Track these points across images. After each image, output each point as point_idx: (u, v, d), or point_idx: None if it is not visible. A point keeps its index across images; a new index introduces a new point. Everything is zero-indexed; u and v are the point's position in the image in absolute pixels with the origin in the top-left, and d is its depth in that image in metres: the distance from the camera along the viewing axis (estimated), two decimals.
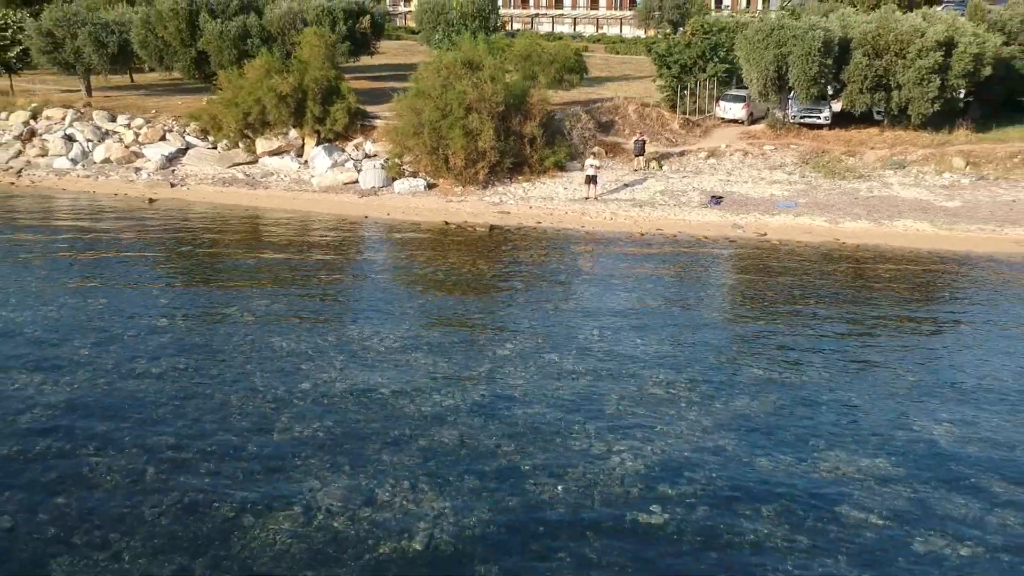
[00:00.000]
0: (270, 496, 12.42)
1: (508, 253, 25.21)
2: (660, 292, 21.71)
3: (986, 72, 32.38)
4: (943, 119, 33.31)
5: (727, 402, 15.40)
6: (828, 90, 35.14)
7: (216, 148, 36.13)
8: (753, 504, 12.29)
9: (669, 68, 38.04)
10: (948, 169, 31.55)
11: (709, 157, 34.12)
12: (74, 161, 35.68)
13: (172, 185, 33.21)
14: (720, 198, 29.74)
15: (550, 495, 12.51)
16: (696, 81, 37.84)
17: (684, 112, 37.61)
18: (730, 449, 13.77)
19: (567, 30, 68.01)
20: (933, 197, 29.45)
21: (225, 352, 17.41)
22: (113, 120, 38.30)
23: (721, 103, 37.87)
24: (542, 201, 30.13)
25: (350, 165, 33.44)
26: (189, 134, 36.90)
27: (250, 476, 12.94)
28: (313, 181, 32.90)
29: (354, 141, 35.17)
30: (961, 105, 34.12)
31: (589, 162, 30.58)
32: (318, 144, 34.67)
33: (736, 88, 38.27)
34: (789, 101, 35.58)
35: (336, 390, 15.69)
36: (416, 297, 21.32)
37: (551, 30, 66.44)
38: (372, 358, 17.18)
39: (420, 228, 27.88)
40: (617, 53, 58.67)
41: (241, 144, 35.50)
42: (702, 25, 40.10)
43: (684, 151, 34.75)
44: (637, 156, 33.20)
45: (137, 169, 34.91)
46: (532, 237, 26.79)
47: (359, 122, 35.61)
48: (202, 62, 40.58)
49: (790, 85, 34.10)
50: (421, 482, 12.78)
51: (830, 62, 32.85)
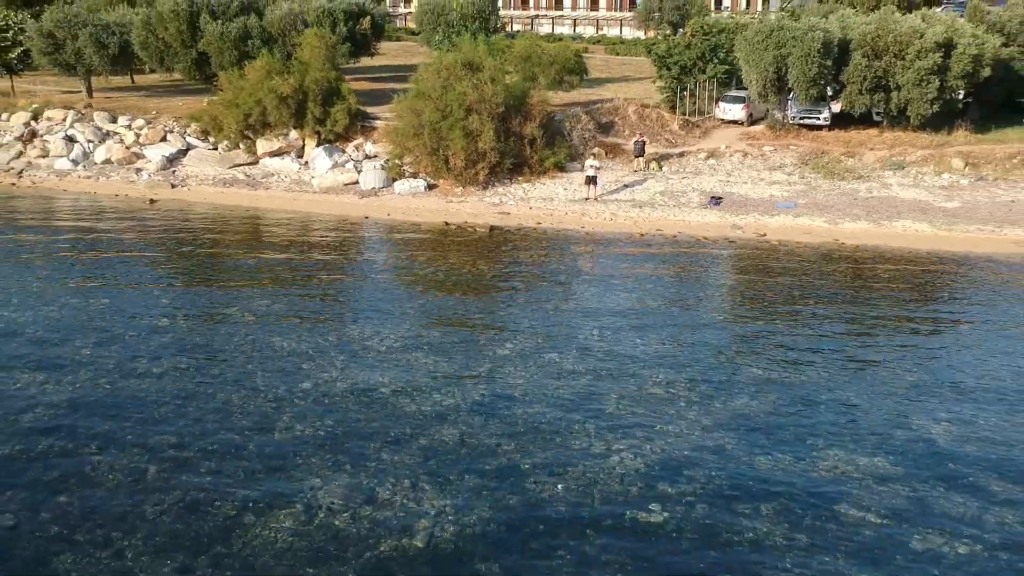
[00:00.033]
0: (271, 494, 12.47)
1: (508, 254, 25.27)
2: (660, 292, 21.78)
3: (985, 73, 32.49)
4: (942, 120, 33.40)
5: (726, 401, 15.47)
6: (827, 91, 35.25)
7: (217, 149, 36.22)
8: (752, 502, 12.35)
9: (669, 69, 38.14)
10: (947, 170, 31.63)
11: (709, 158, 34.20)
12: (75, 162, 35.76)
13: (173, 186, 33.29)
14: (720, 199, 29.82)
15: (550, 494, 12.57)
16: (696, 82, 37.94)
17: (684, 113, 37.70)
18: (729, 448, 13.83)
19: (567, 31, 68.10)
20: (932, 198, 29.53)
21: (226, 352, 17.48)
22: (114, 121, 38.38)
23: (721, 104, 37.95)
24: (542, 202, 30.20)
25: (350, 166, 33.51)
26: (190, 135, 36.98)
27: (252, 475, 13.00)
28: (313, 182, 32.98)
29: (354, 142, 35.25)
30: (960, 106, 34.23)
31: (589, 163, 30.66)
32: (318, 145, 34.75)
33: (736, 89, 38.36)
34: (789, 102, 35.66)
35: (337, 389, 15.75)
36: (416, 297, 21.39)
37: (551, 31, 66.53)
38: (373, 358, 17.24)
39: (420, 229, 27.95)
40: (617, 54, 58.76)
41: (242, 145, 35.58)
42: (702, 26, 40.20)
43: (684, 152, 34.83)
44: (637, 157, 33.29)
45: (138, 170, 34.99)
46: (532, 238, 26.86)
47: (359, 123, 35.70)
48: (203, 63, 40.68)
49: (789, 86, 34.18)
50: (422, 481, 12.84)
51: (829, 63, 32.94)
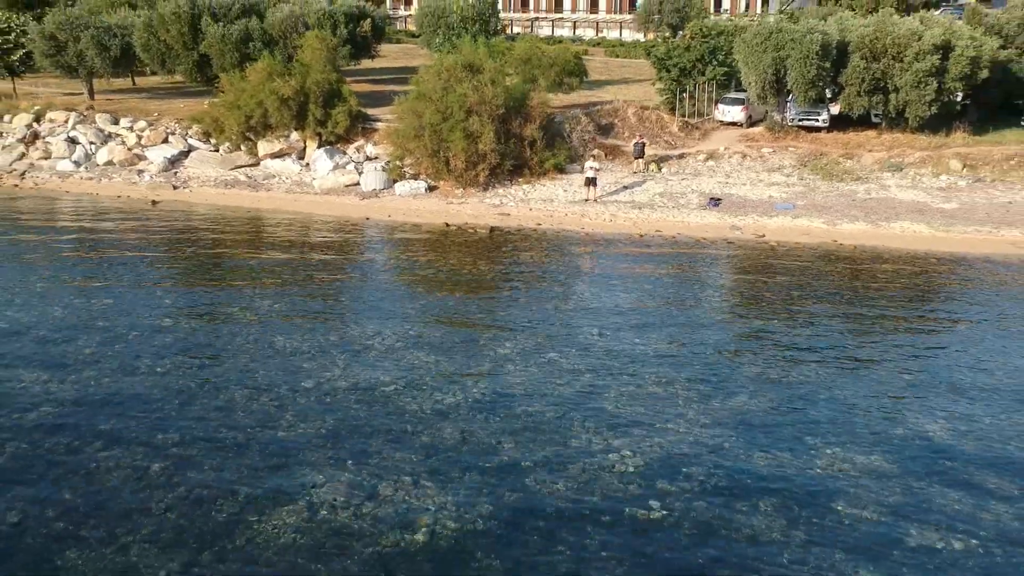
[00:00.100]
0: (275, 491, 12.59)
1: (508, 254, 25.41)
2: (659, 292, 21.91)
3: (983, 75, 32.62)
4: (940, 122, 33.54)
5: (725, 400, 15.60)
6: (826, 93, 35.40)
7: (218, 151, 36.33)
8: (751, 499, 12.48)
9: (668, 71, 38.29)
10: (945, 171, 31.77)
11: (708, 159, 34.34)
12: (77, 163, 35.88)
13: (174, 187, 33.42)
14: (719, 200, 29.96)
15: (550, 490, 12.69)
16: (695, 84, 38.09)
17: (683, 115, 37.84)
18: (728, 445, 13.96)
19: (567, 34, 68.21)
20: (930, 199, 29.67)
21: (229, 351, 17.60)
22: (116, 123, 38.49)
23: (720, 106, 38.09)
24: (542, 203, 30.34)
25: (351, 167, 33.64)
26: (191, 137, 37.10)
27: (255, 472, 13.12)
28: (315, 183, 33.12)
29: (355, 144, 35.39)
30: (958, 108, 34.36)
31: (589, 164, 30.80)
32: (320, 147, 34.88)
33: (735, 91, 38.51)
34: (787, 104, 35.81)
35: (339, 388, 15.88)
36: (417, 297, 21.52)
37: (551, 33, 66.62)
38: (374, 357, 17.37)
39: (421, 230, 28.08)
40: (617, 56, 58.85)
41: (243, 147, 35.70)
42: (701, 29, 40.37)
43: (683, 153, 34.97)
44: (636, 158, 33.43)
45: (140, 171, 35.12)
46: (532, 239, 27.00)
47: (360, 125, 35.82)
48: (204, 65, 40.79)
49: (788, 88, 34.32)
50: (423, 478, 12.96)
51: (828, 65, 33.09)
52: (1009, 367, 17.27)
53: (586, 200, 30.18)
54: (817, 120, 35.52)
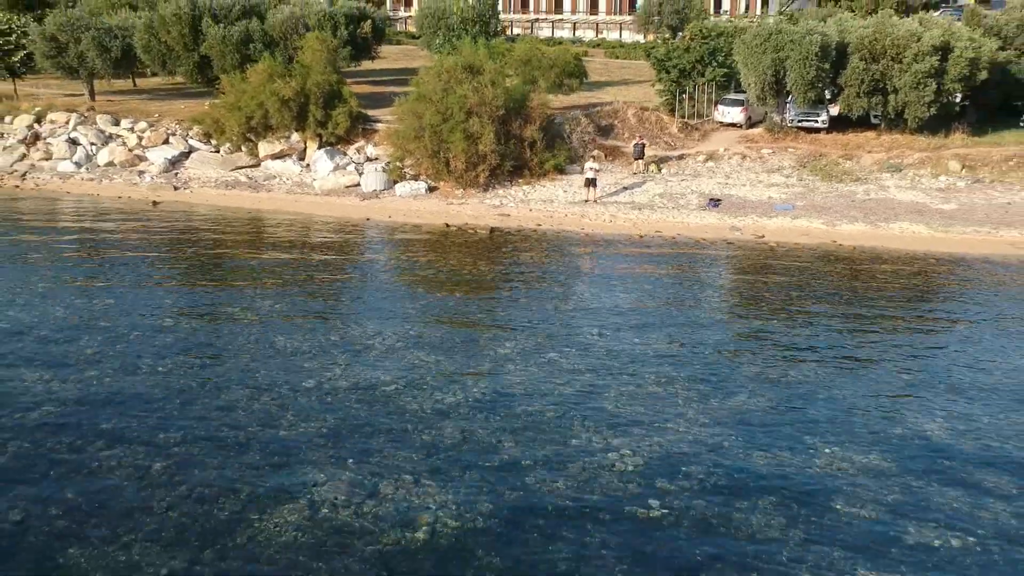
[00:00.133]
0: (276, 490, 12.65)
1: (508, 255, 25.47)
2: (659, 293, 21.98)
3: (982, 76, 32.69)
4: (939, 123, 33.60)
5: (724, 399, 15.66)
6: (825, 94, 35.47)
7: (219, 152, 36.42)
8: (750, 498, 12.53)
9: (668, 72, 38.36)
10: (944, 172, 31.84)
11: (708, 160, 34.41)
12: (78, 164, 35.96)
13: (175, 188, 33.50)
14: (718, 201, 30.03)
15: (550, 489, 12.74)
16: (695, 85, 38.16)
17: (683, 116, 37.92)
18: (727, 444, 14.02)
19: (567, 35, 68.33)
20: (929, 200, 29.74)
21: (230, 351, 17.66)
22: (116, 124, 38.57)
23: (719, 107, 38.16)
24: (542, 204, 30.41)
25: (352, 168, 33.73)
26: (192, 138, 37.19)
27: (256, 471, 13.17)
28: (315, 184, 33.20)
29: (356, 145, 35.47)
30: (957, 109, 34.43)
31: (589, 165, 30.88)
32: (320, 148, 34.96)
33: (734, 92, 38.60)
34: (787, 105, 35.88)
35: (340, 387, 15.94)
36: (418, 297, 21.58)
37: (551, 35, 66.73)
38: (375, 356, 17.43)
39: (421, 230, 28.15)
40: (616, 58, 58.95)
41: (244, 148, 35.78)
42: (701, 30, 40.45)
43: (683, 154, 35.05)
44: (636, 159, 33.51)
45: (140, 172, 35.21)
46: (532, 239, 27.07)
47: (361, 126, 35.90)
48: (205, 66, 40.88)
49: (788, 89, 34.40)
50: (424, 476, 13.01)
51: (827, 66, 33.16)
52: (1007, 367, 17.33)
53: (586, 201, 30.25)
54: (816, 121, 35.60)
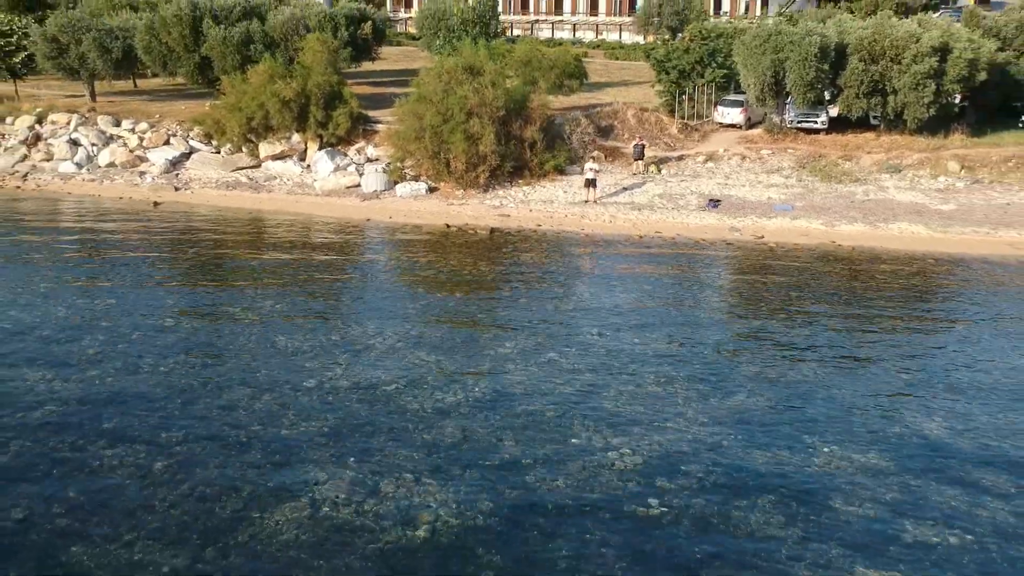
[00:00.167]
0: (277, 488, 12.72)
1: (509, 255, 25.54)
2: (659, 293, 22.05)
3: (981, 77, 32.73)
4: (939, 124, 33.65)
5: (724, 399, 15.73)
6: (825, 95, 35.53)
7: (220, 152, 36.45)
8: (749, 496, 12.60)
9: (668, 73, 38.42)
10: (943, 173, 31.90)
11: (707, 161, 34.47)
12: (79, 165, 36.01)
13: (176, 189, 33.56)
14: (718, 201, 30.10)
15: (550, 487, 12.81)
16: (694, 86, 38.23)
17: (683, 117, 37.99)
18: (726, 443, 14.09)
19: (567, 36, 68.39)
20: (928, 200, 29.80)
21: (231, 351, 17.73)
22: (117, 125, 38.62)
23: (719, 108, 38.22)
24: (542, 204, 30.49)
25: (352, 169, 33.79)
26: (193, 139, 37.24)
27: (258, 469, 13.24)
28: (316, 185, 33.26)
29: (356, 145, 35.52)
30: (956, 110, 34.49)
31: (588, 166, 30.94)
32: (321, 148, 35.01)
33: (734, 93, 38.65)
34: (786, 106, 35.94)
35: (341, 387, 16.00)
36: (418, 297, 21.65)
37: (551, 36, 66.81)
38: (376, 356, 17.50)
39: (422, 231, 28.22)
40: (616, 59, 59.01)
41: (244, 148, 35.82)
42: (700, 31, 40.52)
43: (682, 155, 35.11)
44: (636, 160, 33.56)
45: (141, 173, 35.26)
46: (532, 239, 27.14)
47: (361, 127, 35.94)
48: (205, 67, 40.91)
49: (787, 90, 34.46)
50: (424, 475, 13.08)
51: (827, 67, 33.21)
52: (1005, 366, 17.40)
53: (586, 201, 30.32)
54: (816, 122, 35.65)
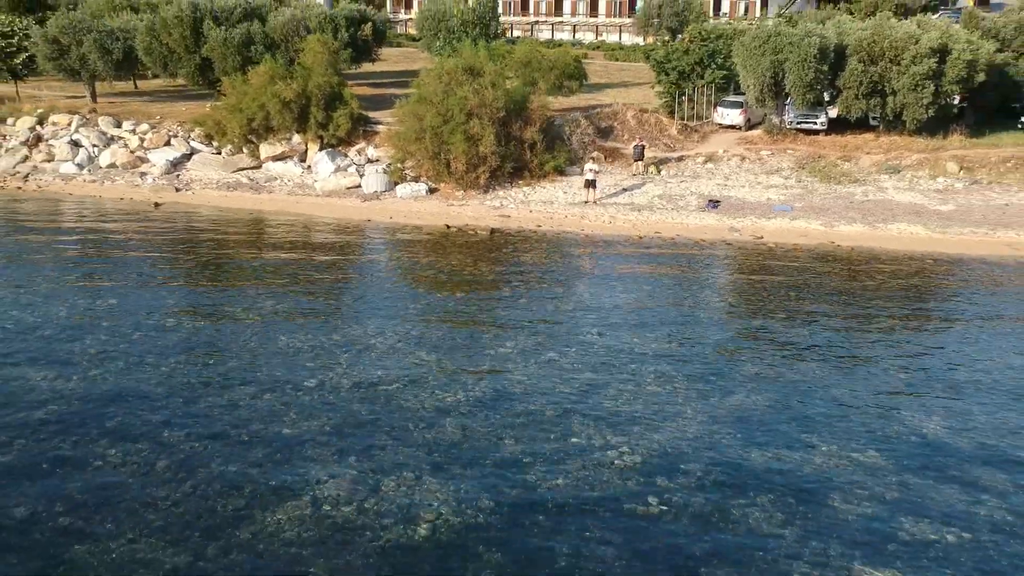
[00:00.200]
0: (279, 487, 12.78)
1: (509, 255, 25.61)
2: (658, 293, 22.12)
3: (980, 79, 32.80)
4: (937, 125, 33.73)
5: (723, 397, 15.79)
6: (824, 96, 35.62)
7: (220, 153, 36.53)
8: (748, 494, 12.66)
9: (667, 74, 38.51)
10: (942, 174, 31.98)
11: (707, 162, 34.55)
12: (80, 166, 36.09)
13: (177, 190, 33.64)
14: (717, 202, 30.17)
15: (550, 486, 12.88)
16: (694, 87, 38.31)
17: (682, 118, 38.07)
18: (726, 442, 14.15)
19: (567, 37, 68.51)
20: (927, 201, 29.88)
21: (232, 350, 17.79)
22: (118, 126, 38.71)
23: (719, 109, 38.29)
24: (542, 205, 30.56)
25: (353, 170, 33.88)
26: (193, 139, 37.31)
27: (259, 468, 13.30)
28: (316, 186, 33.34)
29: (357, 146, 35.61)
30: (955, 111, 34.55)
31: (588, 167, 31.02)
32: (321, 149, 35.09)
33: (734, 94, 38.73)
34: (786, 107, 36.02)
35: (342, 386, 16.07)
36: (419, 297, 21.71)
37: (551, 37, 66.93)
38: (376, 355, 17.57)
39: (422, 231, 28.29)
40: (616, 60, 59.12)
41: (245, 149, 35.91)
42: (700, 32, 40.59)
43: (682, 156, 35.19)
44: (636, 161, 33.65)
45: (142, 174, 35.34)
46: (532, 240, 27.21)
47: (362, 128, 36.02)
48: (206, 68, 40.99)
49: (787, 91, 34.54)
50: (425, 473, 13.15)
51: (826, 68, 33.30)
52: (1003, 366, 17.47)
53: (586, 202, 30.39)
54: (815, 123, 35.73)
